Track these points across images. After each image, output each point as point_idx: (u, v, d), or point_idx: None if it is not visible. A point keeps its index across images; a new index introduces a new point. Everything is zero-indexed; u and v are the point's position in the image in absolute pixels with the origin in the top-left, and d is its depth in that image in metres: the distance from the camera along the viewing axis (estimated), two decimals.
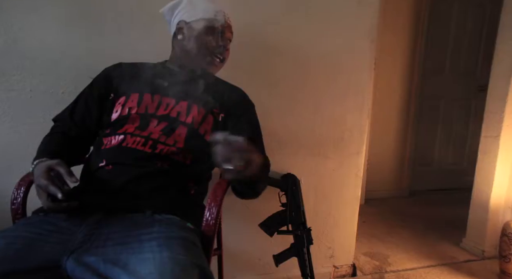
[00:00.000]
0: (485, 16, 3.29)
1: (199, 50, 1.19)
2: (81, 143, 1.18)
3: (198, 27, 1.18)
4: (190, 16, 1.20)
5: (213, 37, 1.19)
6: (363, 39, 1.76)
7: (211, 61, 1.21)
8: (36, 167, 0.96)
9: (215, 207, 0.99)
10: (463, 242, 2.32)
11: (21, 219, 1.01)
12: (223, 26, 1.21)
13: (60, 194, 0.88)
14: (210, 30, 1.19)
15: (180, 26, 1.22)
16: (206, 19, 1.19)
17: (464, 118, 3.51)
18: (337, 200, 1.88)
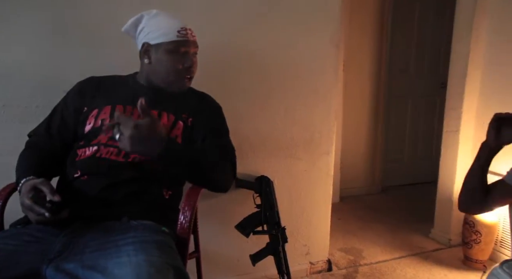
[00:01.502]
0: (444, 18, 3.45)
1: (168, 75, 1.23)
2: (58, 156, 1.21)
3: (162, 51, 1.21)
4: (153, 38, 1.22)
5: (179, 60, 1.22)
6: (327, 44, 1.85)
7: (183, 84, 1.26)
8: (23, 186, 1.00)
9: (188, 211, 1.05)
10: (431, 232, 2.45)
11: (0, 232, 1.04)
12: (187, 45, 1.23)
13: (46, 213, 0.91)
14: (175, 53, 1.21)
15: (145, 48, 1.24)
16: (170, 42, 1.20)
17: (430, 115, 3.66)
18: (310, 199, 1.96)
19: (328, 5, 1.82)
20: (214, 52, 1.57)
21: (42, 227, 1.00)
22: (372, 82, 3.37)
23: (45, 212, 0.92)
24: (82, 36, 1.49)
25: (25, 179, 1.02)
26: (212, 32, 1.58)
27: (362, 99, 3.37)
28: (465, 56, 2.16)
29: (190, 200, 1.08)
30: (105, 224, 1.01)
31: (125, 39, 1.44)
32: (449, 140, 2.30)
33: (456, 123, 2.24)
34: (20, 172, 1.08)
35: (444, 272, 2.03)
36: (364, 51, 3.27)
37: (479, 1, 2.09)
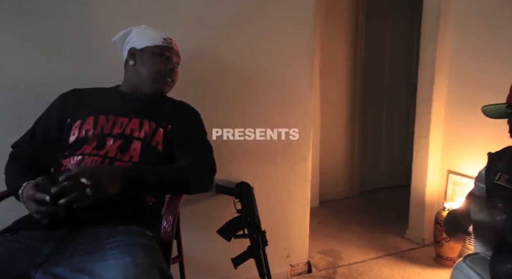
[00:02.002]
0: (414, 27, 3.61)
1: (151, 75, 1.32)
2: (42, 167, 1.25)
3: (147, 53, 1.32)
4: (140, 44, 1.34)
5: (162, 62, 1.33)
6: (302, 54, 1.94)
7: (165, 83, 1.35)
8: (24, 189, 1.03)
9: (171, 216, 1.11)
10: (406, 233, 2.55)
11: None
12: (171, 52, 1.36)
13: (47, 197, 0.95)
14: (159, 56, 1.33)
15: (131, 52, 1.35)
16: (155, 46, 1.33)
17: (404, 120, 3.79)
18: (289, 203, 2.04)
19: (302, 16, 1.91)
20: (193, 64, 1.64)
21: (30, 234, 1.03)
22: (348, 89, 3.48)
23: (45, 196, 0.95)
24: (66, 48, 1.54)
25: (26, 183, 1.04)
26: (191, 44, 1.64)
27: (339, 106, 3.49)
28: (432, 64, 2.30)
29: (171, 206, 1.14)
30: (91, 230, 1.05)
31: (109, 52, 1.50)
32: (420, 145, 2.42)
33: (426, 128, 2.36)
34: (14, 180, 1.12)
35: (418, 270, 2.13)
36: (340, 60, 3.39)
37: (442, 12, 2.23)
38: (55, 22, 1.52)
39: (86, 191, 0.96)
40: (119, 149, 1.22)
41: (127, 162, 1.21)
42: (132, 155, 1.22)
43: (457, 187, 2.27)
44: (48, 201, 0.95)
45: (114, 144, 1.23)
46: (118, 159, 1.21)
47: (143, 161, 1.22)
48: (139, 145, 1.24)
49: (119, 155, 1.21)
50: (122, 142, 1.24)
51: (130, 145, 1.23)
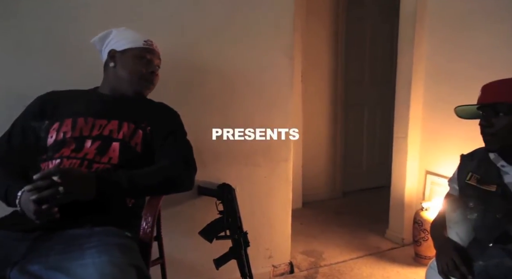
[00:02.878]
0: (393, 31, 3.68)
1: (131, 77, 1.32)
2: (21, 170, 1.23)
3: (128, 55, 1.32)
4: (120, 46, 1.34)
5: (143, 65, 1.33)
6: (282, 57, 1.97)
7: (145, 85, 1.35)
8: (23, 194, 1.02)
9: (150, 216, 1.11)
10: (387, 233, 2.60)
11: None
12: (152, 54, 1.36)
13: (61, 187, 0.95)
14: (140, 58, 1.33)
15: (111, 54, 1.34)
16: (136, 48, 1.33)
17: (385, 122, 3.85)
18: (271, 204, 2.05)
19: (281, 19, 1.94)
20: (173, 66, 1.64)
21: (6, 234, 1.02)
22: (329, 92, 3.53)
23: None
24: (42, 49, 1.53)
25: (23, 189, 1.02)
26: (171, 46, 1.64)
27: (321, 108, 3.53)
28: (409, 68, 2.36)
29: (151, 207, 1.15)
30: (69, 231, 1.05)
31: (86, 54, 1.50)
32: (399, 146, 2.48)
33: (404, 130, 2.42)
34: (4, 185, 1.10)
35: (397, 269, 2.17)
36: (321, 63, 3.44)
37: (418, 16, 2.29)
38: (30, 24, 1.50)
39: (58, 190, 0.96)
40: (97, 151, 1.21)
41: (106, 164, 1.20)
42: (111, 157, 1.22)
43: (434, 187, 2.33)
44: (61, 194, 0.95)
45: (93, 145, 1.23)
46: (97, 161, 1.20)
47: (122, 162, 1.22)
48: (117, 146, 1.24)
49: (97, 157, 1.21)
50: (101, 143, 1.23)
51: (109, 146, 1.23)
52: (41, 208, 0.96)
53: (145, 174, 1.16)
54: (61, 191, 0.96)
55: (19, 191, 1.04)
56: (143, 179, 1.15)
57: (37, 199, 0.95)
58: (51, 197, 0.96)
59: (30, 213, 1.01)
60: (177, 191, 1.27)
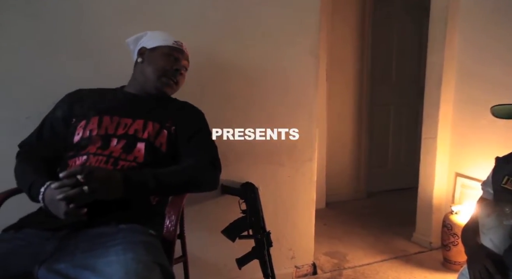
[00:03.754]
0: (422, 28, 3.59)
1: (156, 72, 1.32)
2: (50, 166, 1.25)
3: (157, 52, 1.34)
4: (151, 44, 1.36)
5: (169, 62, 1.34)
6: (307, 56, 1.93)
7: (166, 83, 1.34)
8: (48, 188, 1.04)
9: (174, 215, 1.11)
10: (413, 236, 2.53)
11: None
12: (180, 54, 1.37)
13: (85, 186, 0.96)
14: (167, 56, 1.34)
15: (141, 51, 1.37)
16: (165, 46, 1.35)
17: (412, 122, 3.76)
18: (294, 204, 2.03)
19: (306, 19, 1.90)
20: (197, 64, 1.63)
21: (34, 233, 1.04)
22: (355, 90, 3.47)
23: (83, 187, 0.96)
24: (72, 48, 1.55)
25: (49, 182, 1.05)
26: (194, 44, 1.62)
27: (346, 107, 3.47)
28: (439, 68, 2.28)
29: (174, 205, 1.14)
30: (95, 229, 1.06)
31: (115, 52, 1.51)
32: (428, 147, 2.40)
33: (434, 130, 2.34)
34: (29, 180, 1.12)
35: (425, 274, 2.10)
36: (347, 61, 3.38)
37: (450, 12, 2.21)
38: (62, 22, 1.53)
39: (83, 189, 0.97)
40: (123, 150, 1.22)
41: (131, 162, 1.21)
42: (137, 156, 1.22)
43: (465, 190, 2.24)
44: (86, 191, 0.96)
45: (118, 144, 1.23)
46: (123, 159, 1.21)
47: (147, 161, 1.22)
48: (143, 146, 1.24)
49: (123, 155, 1.22)
50: (126, 142, 1.24)
51: (134, 146, 1.24)
52: (68, 207, 0.97)
53: (171, 173, 1.16)
54: (85, 191, 0.96)
55: (42, 186, 1.06)
56: (169, 178, 1.15)
57: (63, 198, 0.96)
58: (77, 196, 0.96)
59: (55, 210, 1.02)
60: (202, 191, 1.27)
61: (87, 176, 0.98)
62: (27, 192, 1.13)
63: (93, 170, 1.01)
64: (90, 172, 0.99)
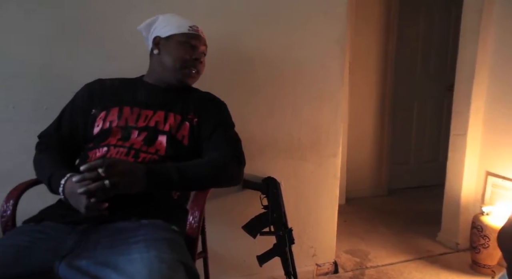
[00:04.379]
0: (450, 19, 3.45)
1: (174, 64, 1.25)
2: (70, 157, 1.23)
3: (173, 41, 1.26)
4: (165, 32, 1.28)
5: (188, 51, 1.26)
6: (333, 46, 1.85)
7: (188, 73, 1.28)
8: (68, 180, 1.01)
9: (197, 211, 1.06)
10: (438, 236, 2.43)
11: (12, 229, 1.06)
12: (197, 40, 1.29)
13: (107, 180, 0.93)
14: (184, 45, 1.26)
15: (156, 41, 1.29)
16: (180, 33, 1.27)
17: (436, 117, 3.64)
18: (316, 200, 1.96)
19: (333, 7, 1.82)
20: (220, 54, 1.58)
21: (54, 226, 1.01)
22: (378, 83, 3.36)
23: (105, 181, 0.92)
24: (91, 37, 1.51)
25: (70, 174, 1.02)
26: (218, 34, 1.57)
27: (368, 101, 3.37)
28: (471, 62, 2.16)
29: (198, 200, 1.09)
30: (115, 224, 1.02)
31: (134, 41, 1.47)
32: (457, 144, 2.29)
33: (463, 127, 2.23)
34: (49, 171, 1.09)
35: (452, 277, 2.01)
36: (370, 53, 3.26)
37: (485, 6, 2.08)
38: (82, 12, 1.49)
39: (104, 183, 0.93)
40: (144, 142, 1.18)
41: (153, 154, 1.16)
42: (158, 149, 1.18)
43: (496, 190, 2.13)
44: (108, 186, 0.93)
45: (139, 136, 1.19)
46: (144, 151, 1.17)
47: (169, 155, 1.18)
48: (164, 139, 1.20)
49: (144, 147, 1.17)
50: (147, 135, 1.20)
51: (155, 139, 1.19)
52: (89, 202, 0.94)
53: (194, 166, 1.12)
54: (107, 185, 0.92)
55: (63, 179, 1.02)
56: (193, 171, 1.10)
57: (84, 192, 0.92)
58: (98, 190, 0.93)
59: (75, 203, 1.00)
60: (226, 185, 1.22)
61: (108, 170, 0.94)
62: (47, 184, 1.10)
63: (114, 163, 0.97)
64: (112, 165, 0.95)
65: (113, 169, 0.95)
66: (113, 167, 0.96)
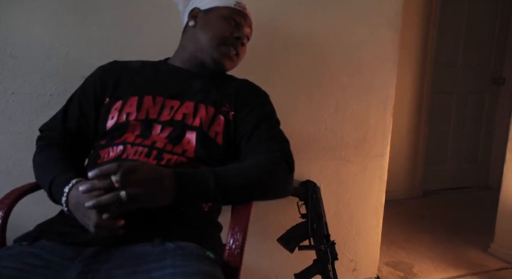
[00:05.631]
0: (497, 8, 3.13)
1: (212, 39, 1.02)
2: (78, 157, 1.01)
3: (214, 14, 1.03)
4: (207, 3, 1.05)
5: (229, 27, 1.03)
6: (386, 28, 1.59)
7: (226, 53, 1.03)
8: (72, 191, 0.80)
9: (240, 233, 0.81)
10: (491, 247, 2.15)
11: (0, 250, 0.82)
12: (243, 18, 1.06)
13: (123, 191, 0.70)
14: (227, 20, 1.03)
15: (193, 14, 1.06)
16: (224, 7, 1.04)
17: (478, 113, 3.35)
18: (360, 207, 1.71)
19: None
20: (254, 36, 1.32)
21: (53, 247, 0.78)
22: (414, 75, 3.06)
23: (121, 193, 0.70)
24: (105, 12, 1.27)
25: (75, 180, 0.81)
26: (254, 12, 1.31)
27: (403, 94, 3.05)
28: None
29: (240, 218, 0.83)
30: (133, 247, 0.78)
31: (156, 17, 1.23)
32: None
33: None
34: (50, 175, 0.87)
35: None
36: (409, 40, 2.95)
37: None
38: None
39: (119, 195, 0.70)
40: (169, 140, 0.94)
41: (180, 155, 0.92)
42: (186, 149, 0.94)
43: None
44: (124, 198, 0.70)
45: (162, 133, 0.95)
46: (168, 151, 0.92)
47: (199, 157, 0.93)
48: (194, 137, 0.95)
49: (169, 146, 0.93)
50: (172, 131, 0.95)
51: (182, 136, 0.95)
52: (100, 218, 0.70)
53: (236, 173, 0.86)
54: (123, 197, 0.68)
55: (67, 186, 0.80)
56: (236, 180, 0.85)
57: (94, 206, 0.68)
58: (111, 204, 0.69)
59: (82, 219, 0.77)
60: (274, 198, 0.97)
61: (125, 177, 0.70)
62: (47, 191, 0.87)
63: (134, 168, 0.72)
64: (130, 171, 0.71)
65: (131, 176, 0.71)
66: (132, 174, 0.72)
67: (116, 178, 0.70)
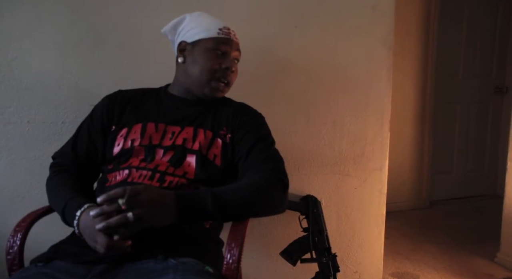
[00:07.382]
0: (497, 16, 3.17)
1: (202, 75, 1.07)
2: (87, 181, 1.08)
3: (200, 48, 1.08)
4: (191, 36, 1.09)
5: (217, 60, 1.08)
6: (380, 47, 1.65)
7: (216, 87, 1.09)
8: (83, 215, 0.87)
9: (236, 248, 0.87)
10: (497, 257, 2.16)
11: (17, 272, 0.90)
12: (228, 45, 1.10)
13: (130, 213, 0.77)
14: (213, 52, 1.07)
15: (181, 47, 1.11)
16: (209, 38, 1.07)
17: (481, 122, 3.36)
18: (361, 220, 1.75)
19: (378, 2, 1.62)
20: (252, 59, 1.40)
21: (66, 267, 0.85)
22: (417, 86, 3.11)
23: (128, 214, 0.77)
24: (109, 45, 1.37)
25: (87, 205, 0.88)
26: (251, 37, 1.39)
27: (407, 105, 3.12)
28: None
29: (237, 234, 0.90)
30: (138, 264, 0.85)
31: (156, 47, 1.31)
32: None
33: None
34: (63, 200, 0.94)
35: None
36: (409, 52, 3.02)
37: None
38: (101, 18, 1.35)
39: (127, 217, 0.77)
40: (170, 163, 1.01)
41: (181, 177, 0.99)
42: (187, 171, 1.01)
43: None
44: (131, 219, 0.77)
45: (165, 157, 1.03)
46: (170, 173, 0.99)
47: (199, 179, 1.00)
48: (193, 159, 1.02)
49: (171, 169, 1.00)
50: (174, 155, 1.03)
51: (183, 159, 1.02)
52: (111, 240, 0.77)
53: (233, 192, 0.93)
54: (130, 218, 0.76)
55: (79, 210, 0.87)
56: (231, 198, 0.91)
57: (104, 228, 0.76)
58: (120, 225, 0.76)
59: (92, 241, 0.83)
60: (269, 214, 1.03)
61: (130, 200, 0.77)
62: (61, 215, 0.95)
63: (138, 191, 0.79)
64: (135, 194, 0.78)
65: (136, 198, 0.79)
66: (137, 196, 0.79)
67: (123, 201, 0.77)
